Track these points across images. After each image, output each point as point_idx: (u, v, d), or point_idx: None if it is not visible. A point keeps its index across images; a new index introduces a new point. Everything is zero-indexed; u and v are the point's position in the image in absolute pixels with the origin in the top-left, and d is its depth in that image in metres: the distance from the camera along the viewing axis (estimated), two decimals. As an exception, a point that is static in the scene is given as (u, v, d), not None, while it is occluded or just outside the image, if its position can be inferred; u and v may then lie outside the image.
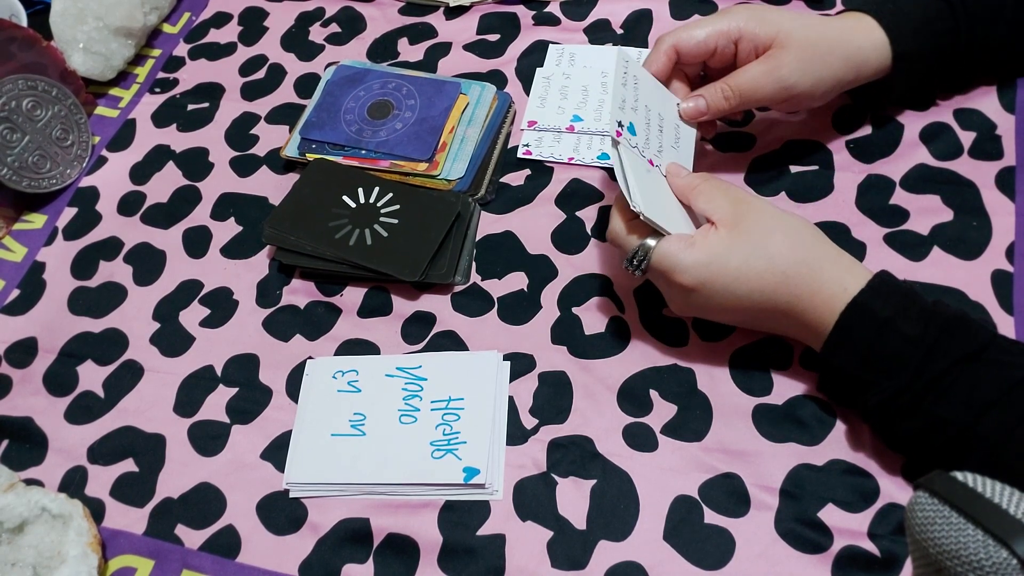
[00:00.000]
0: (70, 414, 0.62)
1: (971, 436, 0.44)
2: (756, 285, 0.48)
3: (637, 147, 0.53)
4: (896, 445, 0.50)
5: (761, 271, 0.48)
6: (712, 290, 0.49)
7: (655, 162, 0.54)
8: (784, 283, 0.48)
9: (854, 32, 0.57)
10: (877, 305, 0.46)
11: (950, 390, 0.44)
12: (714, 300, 0.50)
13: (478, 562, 0.51)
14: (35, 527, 0.54)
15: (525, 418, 0.56)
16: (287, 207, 0.66)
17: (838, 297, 0.47)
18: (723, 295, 0.49)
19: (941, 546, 0.32)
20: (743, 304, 0.49)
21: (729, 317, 0.53)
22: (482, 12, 0.79)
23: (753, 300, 0.49)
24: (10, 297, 0.69)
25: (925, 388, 0.45)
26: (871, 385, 0.47)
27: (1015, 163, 0.59)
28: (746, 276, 0.48)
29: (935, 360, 0.44)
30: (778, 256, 0.48)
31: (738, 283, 0.49)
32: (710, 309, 0.51)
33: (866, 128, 0.64)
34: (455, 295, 0.62)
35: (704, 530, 0.50)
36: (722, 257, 0.49)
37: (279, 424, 0.58)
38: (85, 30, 0.77)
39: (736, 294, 0.49)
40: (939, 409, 0.44)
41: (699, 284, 0.49)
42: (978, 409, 0.43)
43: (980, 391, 0.44)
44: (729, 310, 0.51)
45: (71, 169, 0.75)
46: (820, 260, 0.48)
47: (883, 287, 0.47)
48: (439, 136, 0.68)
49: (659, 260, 0.50)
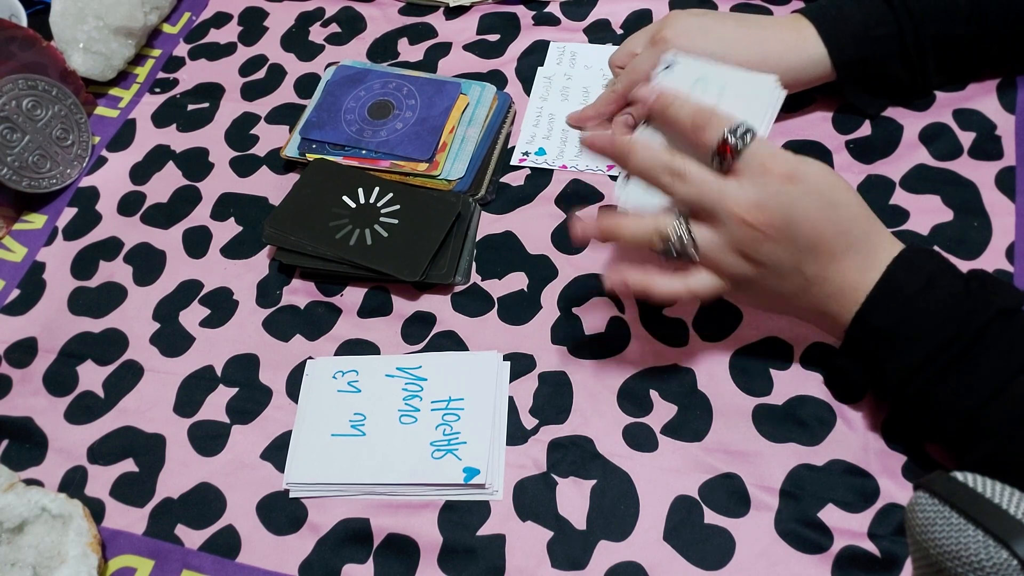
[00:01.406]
0: (70, 414, 0.62)
1: (1002, 396, 0.43)
2: (845, 197, 0.47)
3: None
4: (914, 420, 0.48)
5: (845, 188, 0.47)
6: (815, 188, 0.46)
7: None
8: (862, 208, 0.47)
9: (792, 48, 0.58)
10: (921, 260, 0.47)
11: (992, 345, 0.44)
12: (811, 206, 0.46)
13: (478, 562, 0.51)
14: (35, 527, 0.54)
15: (525, 418, 0.56)
16: (287, 207, 0.66)
17: (886, 252, 0.47)
18: (820, 201, 0.46)
19: (941, 547, 0.32)
20: (834, 219, 0.46)
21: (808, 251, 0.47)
22: (482, 12, 0.79)
23: (841, 216, 0.46)
24: (10, 297, 0.69)
25: (972, 340, 0.44)
26: (910, 344, 0.45)
27: (1015, 163, 0.60)
28: (837, 185, 0.46)
29: (978, 313, 0.44)
30: (847, 185, 0.47)
31: (833, 189, 0.46)
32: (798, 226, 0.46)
33: (866, 128, 0.64)
34: (455, 295, 0.62)
35: (704, 530, 0.50)
36: (811, 163, 0.46)
37: (279, 424, 0.58)
38: (85, 30, 0.77)
39: (831, 203, 0.46)
40: (981, 363, 0.44)
41: (804, 175, 0.45)
42: (1014, 368, 0.43)
43: (1017, 349, 0.44)
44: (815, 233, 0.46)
45: (71, 169, 0.75)
46: (874, 218, 0.48)
47: (922, 250, 0.48)
48: (439, 136, 0.68)
49: (761, 142, 0.46)
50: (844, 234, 0.47)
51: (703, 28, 0.59)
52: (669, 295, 0.49)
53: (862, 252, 0.47)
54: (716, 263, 0.48)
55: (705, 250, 0.48)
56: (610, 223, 0.50)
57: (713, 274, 0.49)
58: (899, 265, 0.47)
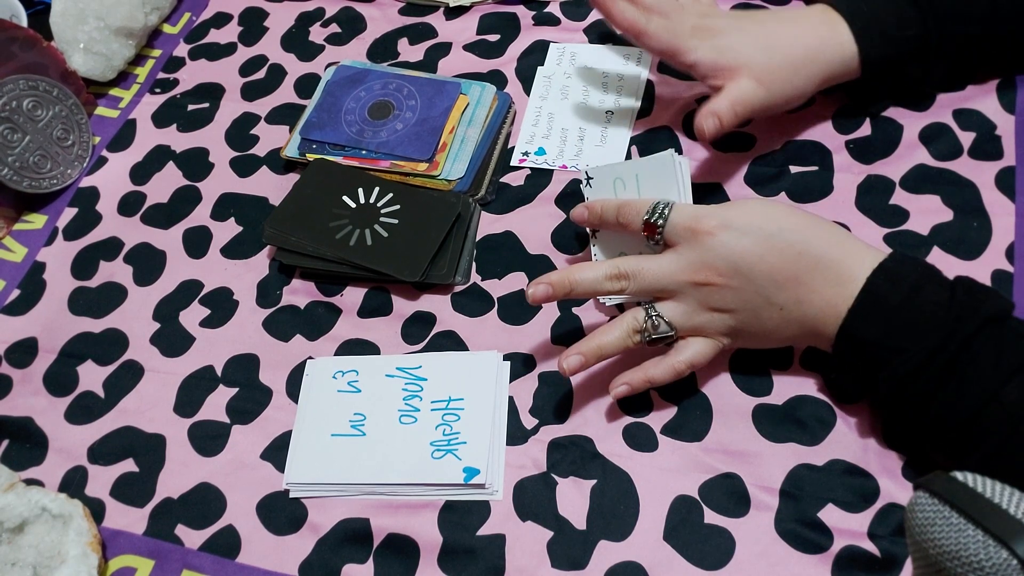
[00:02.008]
0: (70, 414, 0.62)
1: (995, 404, 0.43)
2: (785, 223, 0.48)
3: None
4: (909, 427, 0.48)
5: (784, 215, 0.48)
6: (742, 229, 0.48)
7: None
8: (812, 228, 0.48)
9: (823, 47, 0.58)
10: (904, 271, 0.46)
11: (981, 352, 0.44)
12: (749, 245, 0.48)
13: (478, 562, 0.51)
14: (35, 527, 0.54)
15: (525, 418, 0.56)
16: (287, 207, 0.66)
17: (863, 264, 0.47)
18: (756, 237, 0.48)
19: (941, 547, 0.32)
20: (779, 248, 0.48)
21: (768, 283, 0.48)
22: (482, 12, 0.79)
23: (788, 241, 0.48)
24: (10, 297, 0.69)
25: (959, 349, 0.44)
26: (897, 354, 0.45)
27: (1015, 163, 0.59)
28: (770, 216, 0.48)
29: (965, 321, 0.44)
30: (797, 213, 0.49)
31: (765, 220, 0.48)
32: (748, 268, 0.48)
33: (866, 128, 0.64)
34: (455, 295, 0.62)
35: (704, 530, 0.50)
36: (735, 205, 0.49)
37: (279, 424, 0.58)
38: (86, 30, 0.77)
39: (768, 235, 0.48)
40: (970, 372, 0.44)
41: (726, 222, 0.48)
42: (1005, 373, 0.43)
43: (1007, 355, 0.44)
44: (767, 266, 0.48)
45: (71, 169, 0.75)
46: (841, 232, 0.49)
47: (905, 259, 0.48)
48: (439, 136, 0.68)
49: (675, 208, 0.50)
50: (800, 256, 0.48)
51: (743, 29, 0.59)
52: (673, 375, 0.52)
53: (832, 267, 0.48)
54: (696, 328, 0.51)
55: (680, 322, 0.51)
56: (590, 346, 0.52)
57: (702, 338, 0.51)
58: (880, 276, 0.47)
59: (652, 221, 0.50)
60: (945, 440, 0.46)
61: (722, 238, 0.48)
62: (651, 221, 0.50)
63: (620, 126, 0.68)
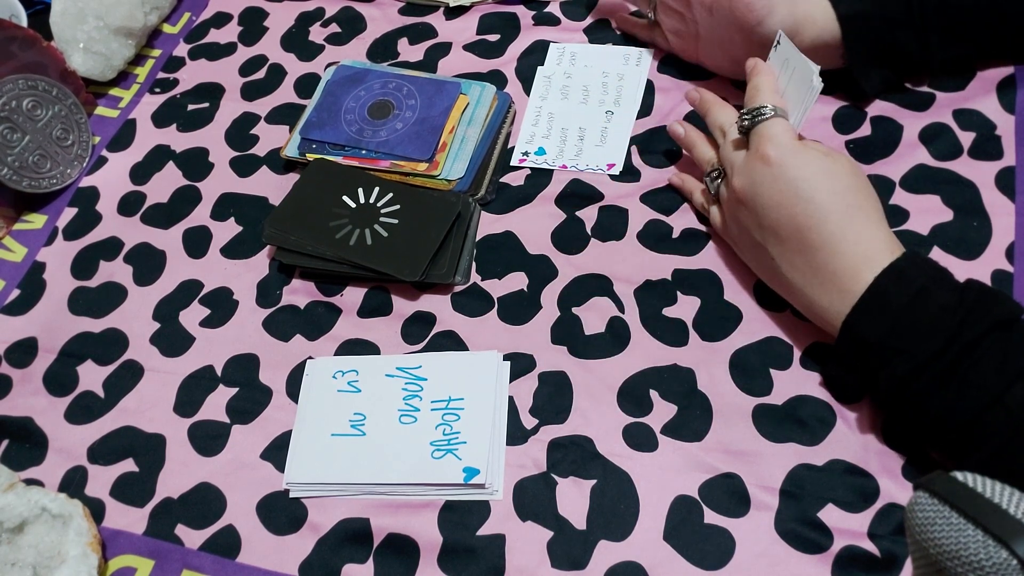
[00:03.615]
0: (70, 414, 0.62)
1: (998, 407, 0.43)
2: (819, 197, 0.49)
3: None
4: (911, 427, 0.48)
5: (827, 189, 0.49)
6: (784, 176, 0.50)
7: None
8: (836, 214, 0.49)
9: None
10: (913, 273, 0.47)
11: (985, 356, 0.44)
12: (777, 191, 0.51)
13: (478, 562, 0.51)
14: (35, 527, 0.54)
15: (525, 418, 0.56)
16: (287, 207, 0.66)
17: (875, 259, 0.47)
18: (787, 189, 0.50)
19: (941, 546, 0.32)
20: (795, 212, 0.50)
21: (770, 231, 0.52)
22: (482, 12, 0.79)
23: (807, 212, 0.49)
24: (10, 297, 0.69)
25: (961, 352, 0.44)
26: (899, 355, 0.46)
27: (1015, 163, 0.59)
28: (815, 183, 0.50)
29: (971, 325, 0.44)
30: (847, 189, 0.50)
31: (806, 183, 0.50)
32: (762, 206, 0.52)
33: (866, 128, 0.64)
34: (455, 295, 0.62)
35: (704, 530, 0.50)
36: (809, 155, 0.51)
37: (279, 424, 0.58)
38: (85, 30, 0.77)
39: (797, 195, 0.50)
40: (972, 375, 0.44)
41: (780, 161, 0.51)
42: (1010, 377, 0.43)
43: (1012, 359, 0.43)
44: (776, 217, 0.51)
45: (71, 169, 0.75)
46: (876, 217, 0.50)
47: (918, 259, 0.48)
48: (439, 136, 0.68)
49: (771, 123, 0.53)
50: (807, 229, 0.49)
51: None
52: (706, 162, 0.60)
53: (841, 257, 0.48)
54: (725, 210, 0.57)
55: (721, 197, 0.58)
56: (692, 135, 0.62)
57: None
58: (889, 276, 0.47)
59: (742, 120, 0.55)
60: (946, 441, 0.46)
61: (763, 169, 0.52)
62: (742, 119, 0.55)
63: (620, 126, 0.68)
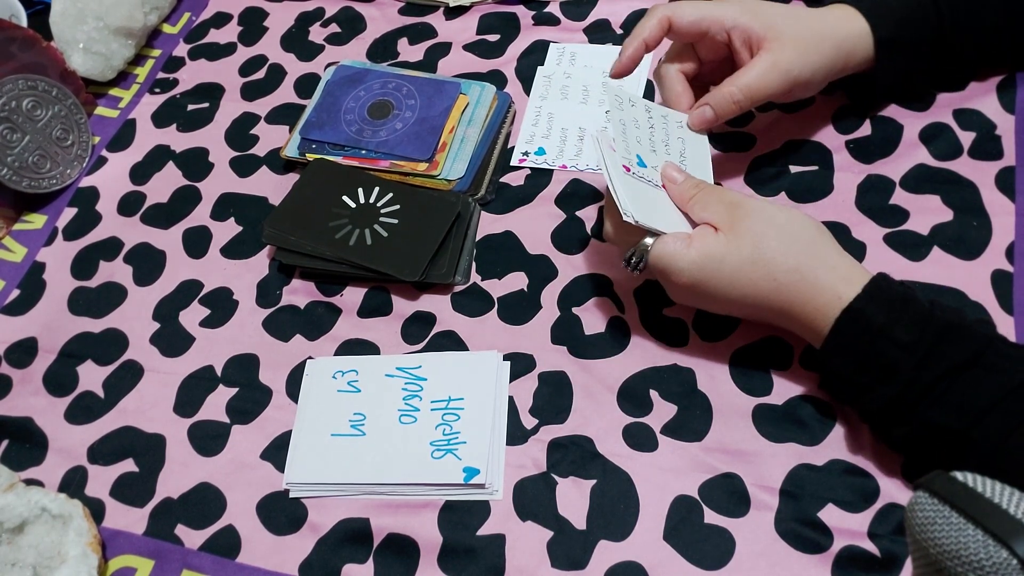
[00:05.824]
0: (70, 414, 0.62)
1: (967, 442, 0.44)
2: (750, 291, 0.49)
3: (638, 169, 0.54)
4: (895, 447, 0.50)
5: (755, 278, 0.49)
6: (708, 289, 0.50)
7: (651, 163, 0.54)
8: (777, 290, 0.49)
9: (840, 22, 0.58)
10: (871, 311, 0.46)
11: (943, 397, 0.44)
12: (711, 297, 0.51)
13: (478, 562, 0.51)
14: (35, 527, 0.54)
15: (525, 418, 0.56)
16: (287, 207, 0.66)
17: (832, 305, 0.47)
18: (719, 294, 0.50)
19: (941, 546, 0.32)
20: (740, 303, 0.50)
21: (729, 311, 0.53)
22: (482, 12, 0.79)
23: (748, 303, 0.50)
24: (10, 297, 0.69)
25: (918, 396, 0.45)
26: (868, 392, 0.47)
27: (1015, 163, 0.59)
28: (740, 281, 0.49)
29: (928, 368, 0.44)
30: (771, 263, 0.48)
31: (732, 287, 0.49)
32: (709, 304, 0.53)
33: (866, 128, 0.64)
34: (455, 295, 0.62)
35: (704, 530, 0.50)
36: (716, 260, 0.49)
37: (279, 424, 0.58)
38: (85, 30, 0.77)
39: (730, 296, 0.50)
40: (933, 416, 0.44)
41: (695, 283, 0.50)
42: (973, 416, 0.43)
43: (975, 398, 0.44)
44: (727, 307, 0.52)
45: (71, 169, 0.75)
46: (815, 267, 0.48)
47: (878, 292, 0.47)
48: (439, 136, 0.68)
49: (656, 260, 0.51)
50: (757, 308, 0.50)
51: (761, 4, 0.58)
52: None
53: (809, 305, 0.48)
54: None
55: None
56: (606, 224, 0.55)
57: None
58: (847, 319, 0.47)
59: (625, 267, 0.53)
60: (928, 461, 0.47)
61: (683, 292, 0.51)
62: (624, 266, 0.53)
63: (620, 126, 0.68)
